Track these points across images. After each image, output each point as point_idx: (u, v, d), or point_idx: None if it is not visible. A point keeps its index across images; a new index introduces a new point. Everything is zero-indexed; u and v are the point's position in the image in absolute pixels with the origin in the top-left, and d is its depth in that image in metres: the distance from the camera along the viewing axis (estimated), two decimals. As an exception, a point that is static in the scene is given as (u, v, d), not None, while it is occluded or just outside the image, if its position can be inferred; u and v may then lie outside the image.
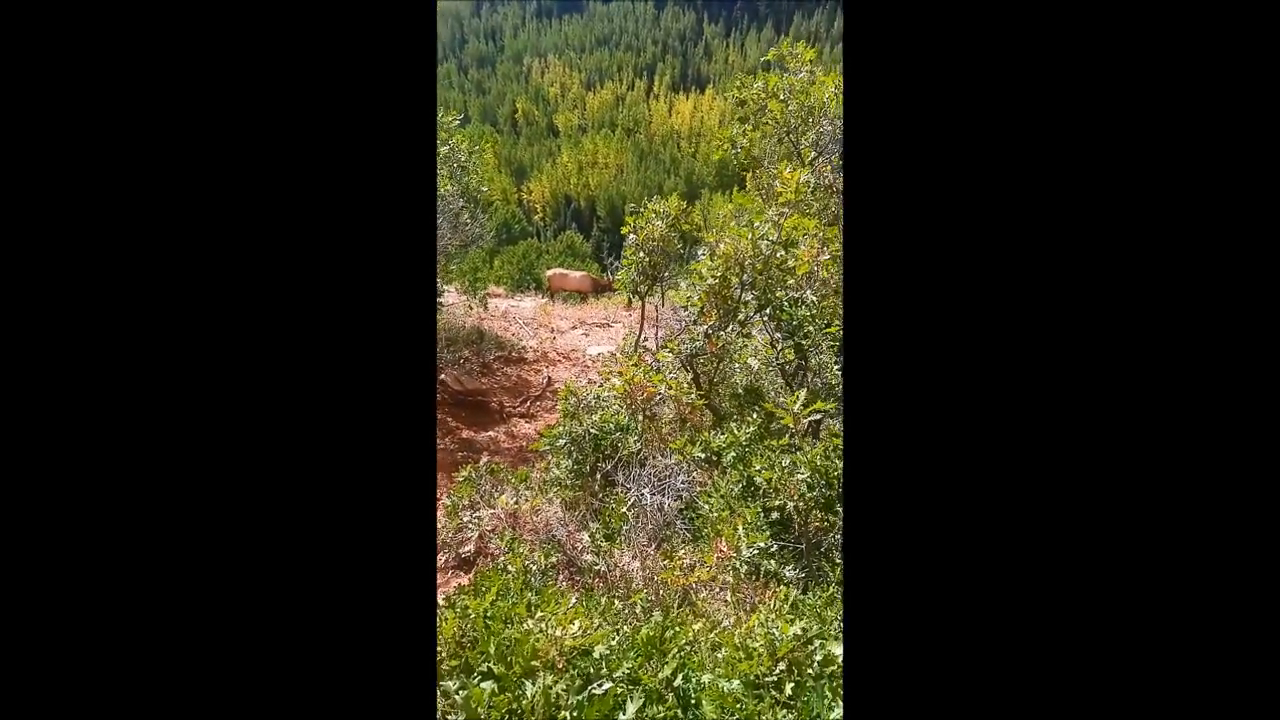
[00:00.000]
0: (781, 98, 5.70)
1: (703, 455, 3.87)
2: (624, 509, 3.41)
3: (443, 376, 6.00)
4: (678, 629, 2.28)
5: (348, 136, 1.07)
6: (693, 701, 1.90)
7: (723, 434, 3.91)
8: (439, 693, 1.83)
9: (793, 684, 1.85)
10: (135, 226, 0.99)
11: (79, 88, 0.97)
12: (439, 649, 2.02)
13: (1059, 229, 0.99)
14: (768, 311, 4.29)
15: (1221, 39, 0.94)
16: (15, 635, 0.95)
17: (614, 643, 1.97)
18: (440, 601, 2.35)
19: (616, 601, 2.49)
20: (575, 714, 1.62)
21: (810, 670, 1.89)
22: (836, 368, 4.35)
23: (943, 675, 1.00)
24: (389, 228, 1.09)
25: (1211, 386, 0.94)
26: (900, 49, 1.05)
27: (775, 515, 3.29)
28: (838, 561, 2.94)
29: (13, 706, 0.94)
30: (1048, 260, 0.99)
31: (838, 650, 1.91)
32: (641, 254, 6.26)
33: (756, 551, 3.04)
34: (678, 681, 1.96)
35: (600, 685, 1.72)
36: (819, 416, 3.66)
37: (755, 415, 3.96)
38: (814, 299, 4.22)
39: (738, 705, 1.83)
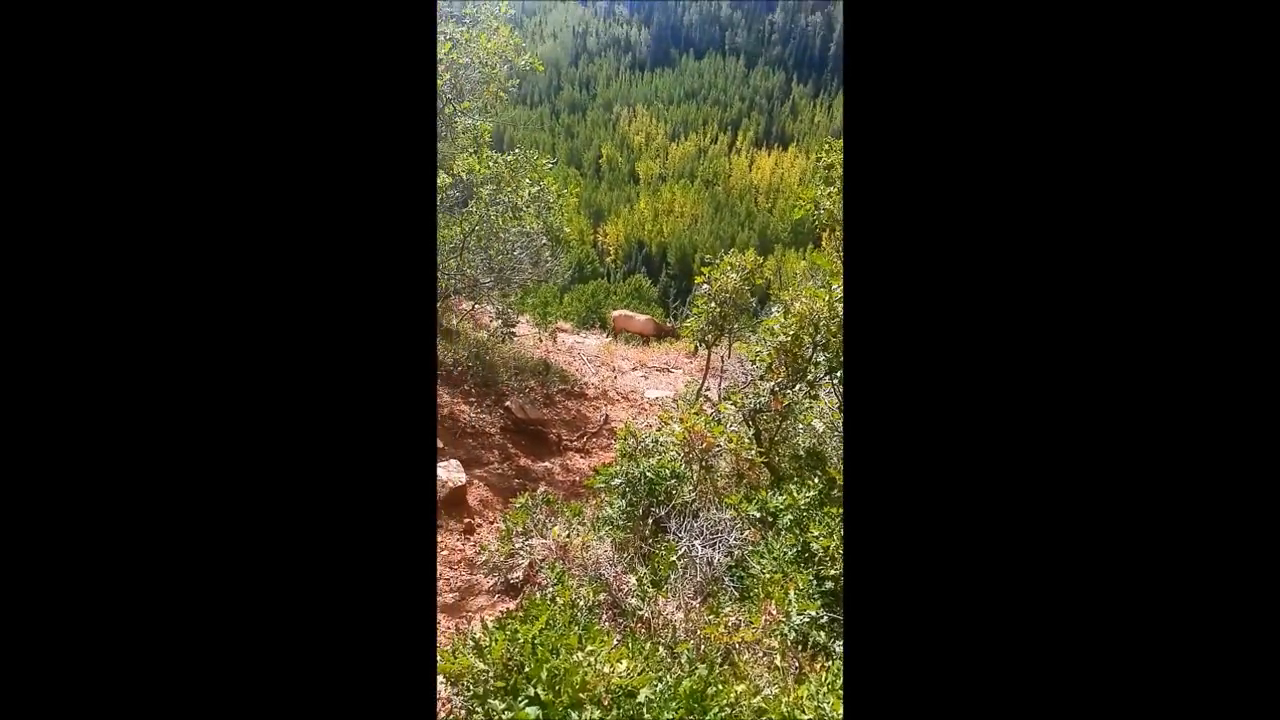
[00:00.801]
0: (869, 165, 5.77)
1: (758, 514, 3.84)
2: (674, 558, 3.41)
3: (508, 403, 6.21)
4: (720, 687, 2.26)
5: (349, 140, 1.07)
6: (732, 764, 1.88)
7: (781, 494, 3.88)
8: (483, 711, 1.88)
9: (840, 761, 1.80)
10: (135, 230, 1.00)
11: (80, 89, 0.97)
12: (486, 668, 2.08)
13: (1065, 257, 1.01)
14: (839, 375, 4.28)
15: (1221, 42, 0.95)
16: (16, 635, 0.95)
17: (658, 689, 1.98)
18: (490, 623, 2.42)
19: (661, 648, 2.49)
20: (618, 753, 1.63)
21: (859, 750, 1.84)
22: (905, 440, 4.26)
23: (943, 696, 1.01)
24: (390, 233, 1.09)
25: (1212, 409, 0.94)
26: (901, 64, 1.07)
27: (830, 585, 3.21)
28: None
29: (13, 706, 0.94)
30: (1051, 288, 1.02)
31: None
32: (713, 304, 6.38)
33: (807, 620, 2.97)
34: (717, 742, 1.94)
35: (644, 729, 1.73)
36: (883, 488, 3.58)
37: (816, 479, 3.91)
38: (887, 367, 4.18)
39: (780, 775, 1.80)
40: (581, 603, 2.96)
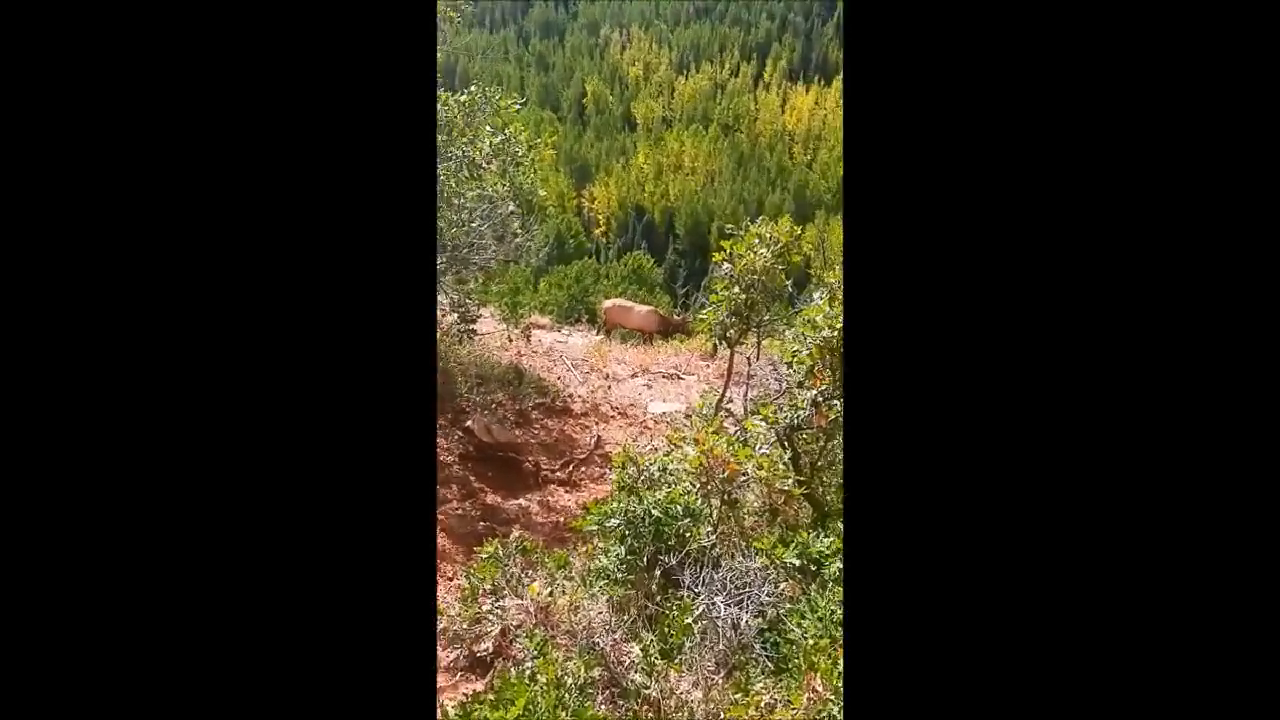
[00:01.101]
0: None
1: (797, 561, 3.89)
2: (688, 619, 3.47)
3: (469, 423, 6.28)
4: (751, 785, 2.32)
5: (347, 136, 1.31)
6: None
7: (827, 535, 3.93)
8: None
9: None
10: (126, 229, 1.24)
11: (80, 88, 1.22)
12: (449, 764, 2.14)
13: (1067, 259, 1.25)
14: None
15: (1221, 42, 1.19)
16: (16, 635, 1.19)
17: (671, 786, 2.03)
18: (452, 710, 2.48)
19: (674, 737, 2.55)
20: None
21: None
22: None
23: (945, 708, 1.25)
24: (388, 233, 1.33)
25: (1213, 416, 1.18)
26: (901, 61, 1.31)
27: (891, 652, 3.28)
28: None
29: (13, 706, 1.17)
30: (1054, 290, 1.26)
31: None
32: (736, 289, 6.32)
33: (862, 697, 3.03)
34: None
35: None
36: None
37: (873, 515, 3.98)
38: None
39: None
40: (570, 680, 3.02)
